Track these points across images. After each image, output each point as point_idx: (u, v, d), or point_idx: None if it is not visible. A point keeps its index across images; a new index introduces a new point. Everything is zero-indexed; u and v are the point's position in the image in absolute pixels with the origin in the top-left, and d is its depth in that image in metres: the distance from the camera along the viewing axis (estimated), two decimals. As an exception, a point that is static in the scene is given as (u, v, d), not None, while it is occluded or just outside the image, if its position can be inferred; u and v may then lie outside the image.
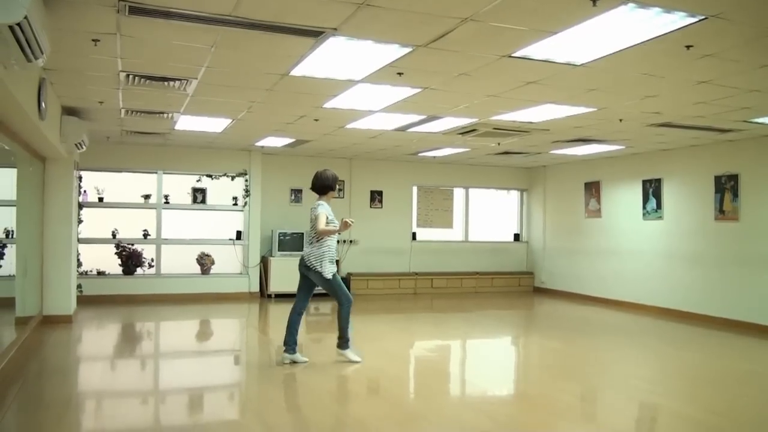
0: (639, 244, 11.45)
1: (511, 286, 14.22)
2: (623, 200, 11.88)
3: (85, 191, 11.06)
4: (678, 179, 10.72)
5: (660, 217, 11.02)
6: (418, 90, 6.58)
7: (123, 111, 8.09)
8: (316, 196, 6.78)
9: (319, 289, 6.75)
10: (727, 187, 9.75)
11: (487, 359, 7.86)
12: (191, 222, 12.11)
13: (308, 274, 6.66)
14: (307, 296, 6.79)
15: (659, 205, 11.03)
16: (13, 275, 7.15)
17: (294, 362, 6.65)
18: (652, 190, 11.15)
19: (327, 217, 6.53)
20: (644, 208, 11.33)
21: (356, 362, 6.70)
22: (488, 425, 4.84)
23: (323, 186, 6.73)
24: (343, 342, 6.76)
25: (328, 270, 6.56)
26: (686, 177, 10.54)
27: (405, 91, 6.67)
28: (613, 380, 6.66)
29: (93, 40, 5.07)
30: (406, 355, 7.18)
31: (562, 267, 13.56)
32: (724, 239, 9.83)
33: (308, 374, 6.47)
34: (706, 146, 10.07)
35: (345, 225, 6.51)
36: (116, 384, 6.22)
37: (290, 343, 6.65)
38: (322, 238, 6.56)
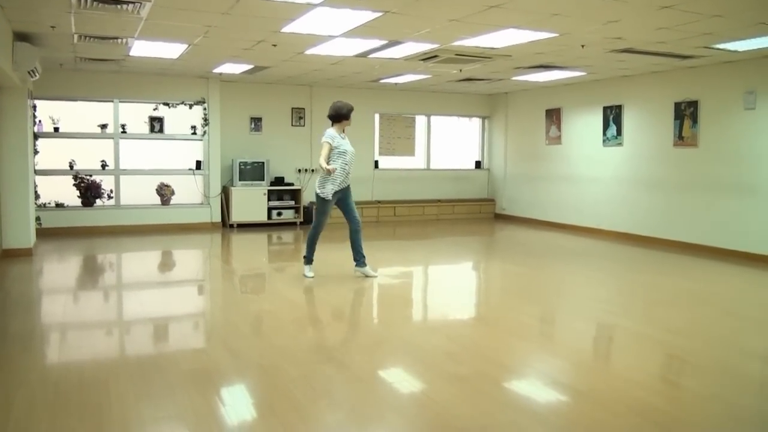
0: (599, 171, 11.59)
1: (473, 213, 14.38)
2: (584, 127, 11.95)
3: (39, 121, 10.75)
4: (638, 106, 10.80)
5: (620, 144, 11.14)
6: (379, 14, 6.46)
7: (76, 36, 7.81)
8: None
9: (286, 218, 6.77)
10: (686, 113, 9.86)
11: (449, 285, 8.00)
12: (150, 152, 11.89)
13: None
14: (348, 216, 7.45)
15: (619, 132, 11.13)
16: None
17: (366, 276, 7.46)
18: (613, 116, 11.23)
19: (331, 147, 7.08)
20: (604, 134, 11.43)
21: (308, 277, 7.38)
22: (451, 347, 4.96)
23: (336, 114, 7.28)
24: (307, 259, 7.50)
25: (328, 190, 7.14)
26: (646, 103, 10.62)
27: (365, 15, 6.53)
28: (573, 302, 6.85)
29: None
30: (369, 282, 7.26)
31: (523, 194, 13.71)
32: (682, 165, 10.00)
33: (272, 302, 6.55)
34: (666, 73, 10.13)
35: (328, 171, 7.03)
36: (80, 315, 6.20)
37: (357, 258, 7.46)
38: (328, 163, 7.08)
